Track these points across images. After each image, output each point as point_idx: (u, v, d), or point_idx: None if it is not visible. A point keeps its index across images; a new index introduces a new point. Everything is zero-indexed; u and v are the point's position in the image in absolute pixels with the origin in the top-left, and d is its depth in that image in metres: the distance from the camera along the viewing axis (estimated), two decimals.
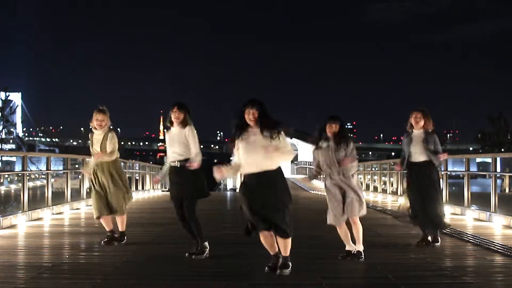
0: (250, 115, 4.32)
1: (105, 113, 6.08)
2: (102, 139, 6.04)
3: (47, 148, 70.12)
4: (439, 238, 6.05)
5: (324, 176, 5.36)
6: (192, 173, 5.25)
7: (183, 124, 5.29)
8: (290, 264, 4.42)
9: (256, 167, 4.32)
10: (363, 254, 5.19)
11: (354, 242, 5.24)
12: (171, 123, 5.33)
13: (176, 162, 5.28)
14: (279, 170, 4.41)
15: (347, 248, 5.25)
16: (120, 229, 6.20)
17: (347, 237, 5.26)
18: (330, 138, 5.23)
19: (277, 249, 4.48)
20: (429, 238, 6.04)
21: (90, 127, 6.13)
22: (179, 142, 5.28)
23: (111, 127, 6.19)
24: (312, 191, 21.75)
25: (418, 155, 6.02)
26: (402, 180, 6.36)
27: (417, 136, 6.05)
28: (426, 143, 5.99)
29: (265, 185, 4.30)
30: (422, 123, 6.03)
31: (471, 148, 73.83)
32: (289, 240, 4.39)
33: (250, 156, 4.33)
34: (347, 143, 5.20)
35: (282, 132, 4.34)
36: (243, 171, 4.42)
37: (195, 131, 5.34)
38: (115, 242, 6.08)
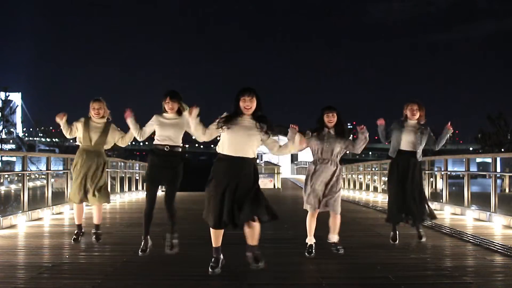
0: (246, 103, 4.34)
1: (100, 101, 6.02)
2: (102, 129, 6.01)
3: (47, 148, 70.06)
4: (422, 232, 6.06)
5: (313, 162, 5.39)
6: (178, 160, 5.29)
7: (179, 112, 5.31)
8: (259, 254, 4.38)
9: (239, 151, 4.33)
10: (340, 245, 5.24)
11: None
12: (165, 112, 5.33)
13: (166, 146, 5.26)
14: (254, 161, 4.46)
15: (309, 241, 5.29)
16: (95, 222, 6.15)
17: (312, 229, 5.31)
18: (329, 128, 5.27)
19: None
20: (397, 235, 6.10)
21: (89, 116, 6.05)
22: (174, 128, 5.28)
23: (110, 119, 6.13)
24: None
25: (409, 144, 6.04)
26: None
27: (412, 126, 6.07)
28: (421, 134, 6.01)
29: (245, 172, 4.32)
30: (418, 115, 6.07)
31: (471, 148, 73.87)
32: (259, 227, 4.36)
33: (237, 139, 4.33)
34: (345, 134, 5.27)
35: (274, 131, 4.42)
36: (222, 150, 4.42)
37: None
38: (96, 239, 6.08)
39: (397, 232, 6.13)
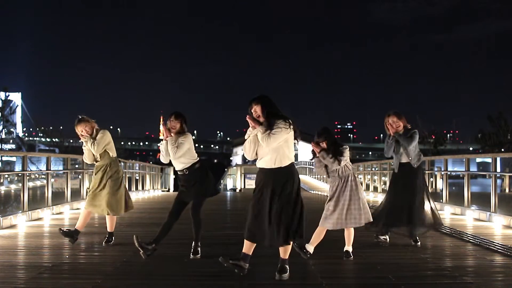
0: (254, 114, 4.32)
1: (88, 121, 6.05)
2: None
3: (47, 148, 70.00)
4: (418, 238, 6.02)
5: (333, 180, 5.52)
6: (200, 174, 5.34)
7: (179, 134, 5.36)
8: (288, 268, 4.36)
9: (266, 163, 4.31)
10: (351, 254, 5.25)
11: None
12: (169, 131, 5.36)
13: (184, 170, 5.34)
14: (291, 167, 4.35)
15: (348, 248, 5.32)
16: (109, 230, 6.19)
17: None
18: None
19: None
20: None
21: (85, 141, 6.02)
22: (183, 151, 5.29)
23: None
24: (312, 191, 21.74)
25: (401, 158, 6.05)
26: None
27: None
28: (403, 141, 5.99)
29: (278, 183, 4.25)
30: (401, 125, 6.01)
31: (471, 148, 73.81)
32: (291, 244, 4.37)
33: (260, 153, 4.33)
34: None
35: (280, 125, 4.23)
36: (258, 165, 4.40)
37: (190, 138, 5.35)
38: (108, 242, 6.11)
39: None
